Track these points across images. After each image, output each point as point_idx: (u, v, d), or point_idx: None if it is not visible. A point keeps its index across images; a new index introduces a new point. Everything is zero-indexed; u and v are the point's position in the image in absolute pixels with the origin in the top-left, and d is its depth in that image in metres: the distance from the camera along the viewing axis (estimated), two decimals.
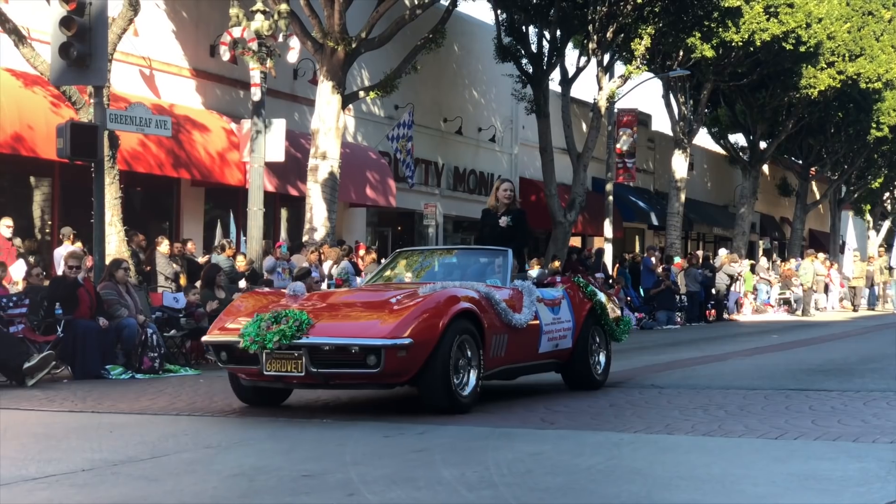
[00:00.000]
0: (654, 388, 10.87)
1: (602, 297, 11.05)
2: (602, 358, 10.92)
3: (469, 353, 8.71)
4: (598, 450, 6.97)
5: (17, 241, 16.10)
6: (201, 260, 18.68)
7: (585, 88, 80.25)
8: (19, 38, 14.94)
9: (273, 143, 18.38)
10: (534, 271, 10.40)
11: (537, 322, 9.78)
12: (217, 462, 6.53)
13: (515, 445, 7.11)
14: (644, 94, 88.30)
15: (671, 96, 34.52)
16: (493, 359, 9.17)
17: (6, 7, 15.38)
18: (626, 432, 7.69)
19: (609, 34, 28.42)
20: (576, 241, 33.76)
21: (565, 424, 8.16)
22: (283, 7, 17.85)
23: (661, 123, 43.36)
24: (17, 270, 15.08)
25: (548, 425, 8.13)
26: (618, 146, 34.54)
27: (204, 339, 9.20)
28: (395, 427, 7.97)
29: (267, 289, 11.54)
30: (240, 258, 17.69)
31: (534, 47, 28.51)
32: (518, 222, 10.86)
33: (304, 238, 20.65)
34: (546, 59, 28.37)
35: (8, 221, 15.89)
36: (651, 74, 32.18)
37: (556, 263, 25.36)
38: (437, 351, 8.34)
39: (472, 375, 8.74)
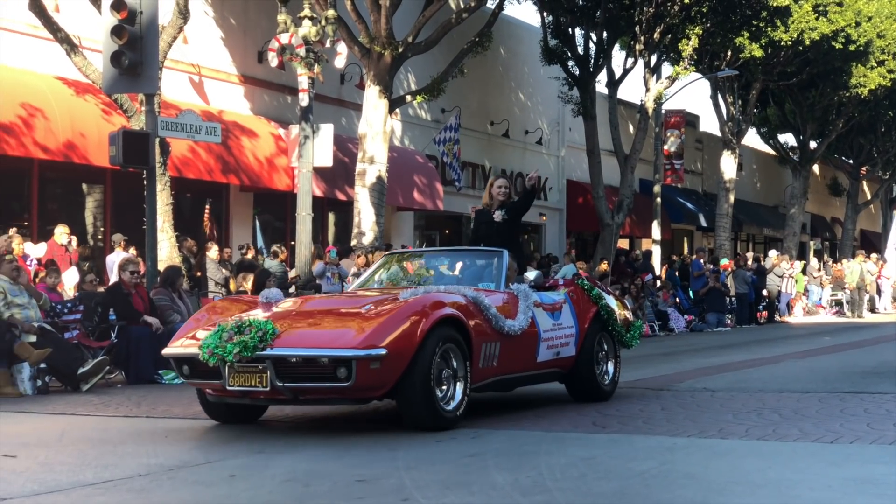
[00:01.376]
0: (707, 391, 10.79)
1: (611, 300, 10.34)
2: (610, 367, 10.17)
3: (454, 363, 8.03)
4: (650, 454, 6.93)
5: (74, 245, 16.28)
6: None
7: (632, 90, 80.00)
8: (71, 46, 15.13)
9: (321, 148, 18.47)
10: (531, 273, 9.58)
11: (534, 329, 9.06)
12: (271, 467, 6.56)
13: (568, 450, 7.09)
14: (692, 94, 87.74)
15: (719, 97, 34.30)
16: (484, 369, 8.46)
17: (58, 16, 15.58)
18: (679, 436, 7.63)
19: (656, 35, 28.28)
20: (623, 244, 33.62)
21: (617, 429, 8.12)
22: (331, 13, 17.92)
23: (709, 124, 43.14)
24: (70, 277, 15.26)
25: (599, 429, 8.10)
26: (665, 147, 34.36)
27: (164, 351, 8.44)
28: (446, 431, 7.96)
29: (238, 297, 10.68)
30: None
31: (580, 49, 28.44)
32: (515, 216, 10.19)
33: (353, 242, 20.72)
34: (592, 60, 28.29)
35: (63, 229, 16.10)
36: (699, 75, 31.98)
37: (604, 265, 25.26)
38: (416, 362, 7.63)
39: (458, 388, 8.05)
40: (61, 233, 16.07)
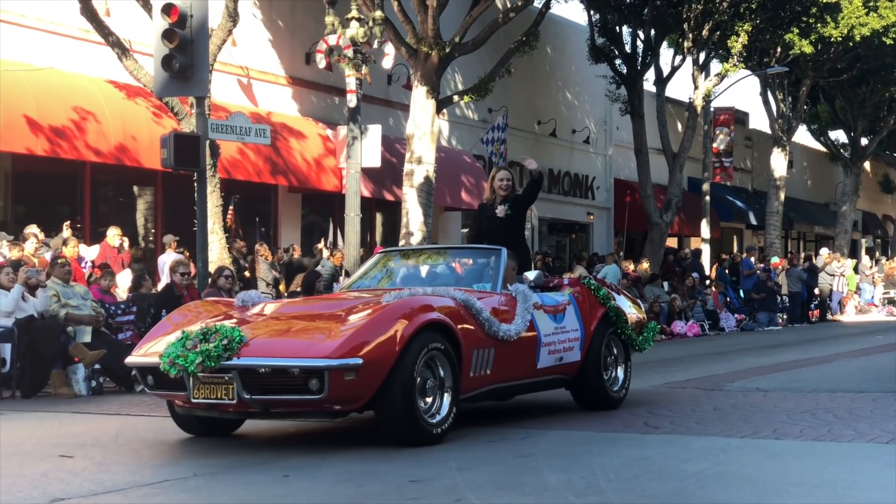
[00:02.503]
0: (759, 391, 10.70)
1: (623, 300, 9.71)
2: (620, 372, 9.52)
3: (441, 372, 7.42)
4: (704, 455, 6.88)
5: (126, 247, 16.47)
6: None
7: (681, 87, 79.32)
8: (122, 50, 15.29)
9: (369, 149, 18.54)
10: (531, 273, 8.91)
11: (534, 333, 8.44)
12: (324, 467, 6.59)
13: (620, 450, 7.06)
14: (741, 91, 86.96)
15: (769, 93, 34.02)
16: (476, 378, 7.85)
17: (109, 20, 15.74)
18: (732, 437, 7.57)
19: (705, 32, 28.10)
20: (672, 242, 33.43)
21: (669, 429, 8.06)
22: (378, 14, 17.98)
23: (759, 121, 42.72)
24: (123, 279, 15.42)
25: (652, 430, 8.05)
26: (714, 145, 34.11)
27: (127, 360, 7.91)
28: (497, 432, 7.97)
29: (217, 298, 9.95)
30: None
31: (628, 47, 28.33)
32: (517, 207, 9.59)
33: (401, 242, 20.76)
34: (640, 59, 28.17)
35: (116, 231, 16.28)
36: (748, 72, 31.73)
37: (645, 265, 25.07)
38: (397, 371, 7.03)
39: (446, 399, 7.43)
40: (114, 235, 16.25)
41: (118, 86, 17.50)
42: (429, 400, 7.36)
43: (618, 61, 28.26)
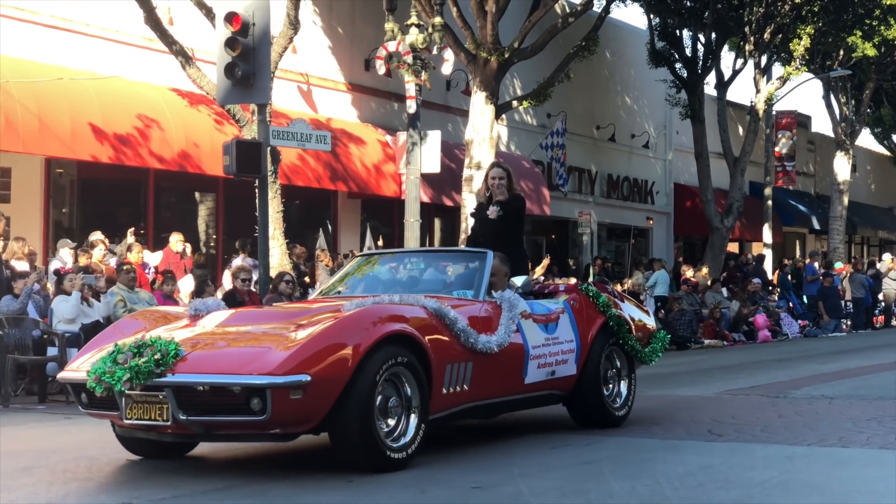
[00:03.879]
0: (824, 398, 10.57)
1: (629, 307, 9.06)
2: (623, 387, 8.74)
3: (408, 389, 6.71)
4: (770, 463, 6.81)
5: (188, 253, 16.66)
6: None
7: (742, 91, 78.82)
8: (186, 59, 15.45)
9: (429, 155, 18.56)
10: (518, 279, 8.10)
11: (520, 344, 7.69)
12: (387, 474, 6.60)
13: (684, 458, 7.00)
14: (803, 95, 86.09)
15: (832, 97, 33.61)
16: (451, 395, 7.11)
17: (172, 29, 15.92)
18: (798, 445, 7.49)
19: (766, 35, 27.83)
20: (733, 247, 33.13)
21: (734, 437, 7.99)
22: (437, 20, 18.01)
23: (822, 124, 42.27)
24: (185, 285, 15.59)
25: (716, 437, 7.98)
26: (776, 149, 33.77)
27: (59, 375, 7.31)
28: (560, 438, 7.95)
29: (168, 308, 8.90)
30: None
31: (688, 51, 28.13)
32: (509, 211, 8.88)
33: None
34: (701, 62, 27.97)
35: (178, 236, 16.46)
36: (811, 75, 31.39)
37: (704, 271, 24.76)
38: (352, 390, 6.34)
39: (412, 420, 6.72)
40: (176, 240, 16.43)
41: (181, 94, 17.69)
42: (391, 422, 6.64)
43: (678, 65, 28.10)
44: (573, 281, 20.39)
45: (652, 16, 27.75)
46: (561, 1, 23.84)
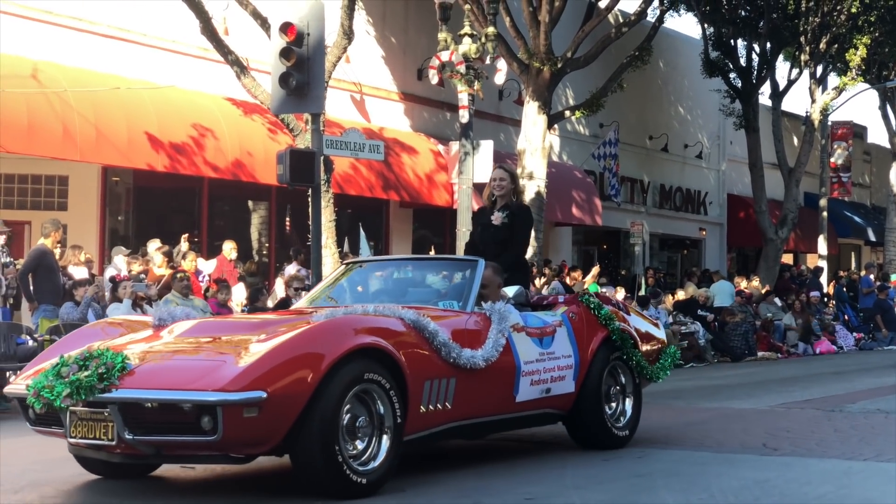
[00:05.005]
0: (881, 412, 10.43)
1: (637, 320, 8.59)
2: (628, 405, 8.17)
3: (380, 408, 6.20)
4: (826, 478, 6.73)
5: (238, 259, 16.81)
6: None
7: (797, 101, 77.83)
8: (241, 68, 15.57)
9: (481, 165, 18.53)
10: (510, 289, 7.62)
11: (510, 359, 7.13)
12: (441, 482, 6.61)
13: (739, 472, 6.93)
14: (859, 105, 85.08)
15: (888, 107, 33.22)
16: (430, 414, 6.58)
17: (227, 39, 16.05)
18: (854, 460, 7.40)
19: (822, 45, 27.56)
20: (787, 259, 32.81)
21: (789, 451, 7.90)
22: (491, 30, 18.01)
23: (878, 135, 41.79)
24: (238, 293, 15.69)
25: (771, 451, 7.89)
26: (832, 160, 33.43)
27: (6, 389, 6.94)
28: (612, 450, 7.89)
29: (137, 316, 8.24)
30: None
31: (742, 61, 27.95)
32: (516, 220, 8.41)
33: None
34: (755, 72, 27.76)
35: (231, 244, 16.58)
36: (867, 85, 31.05)
37: (756, 282, 24.49)
38: (315, 408, 5.82)
39: (384, 441, 6.21)
40: (230, 248, 16.55)
41: (235, 103, 17.83)
42: (359, 444, 6.13)
43: (732, 75, 27.91)
44: (620, 291, 20.30)
45: (706, 25, 27.59)
46: (614, 11, 23.75)
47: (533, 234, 20.64)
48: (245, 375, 5.67)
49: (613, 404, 8.08)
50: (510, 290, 7.61)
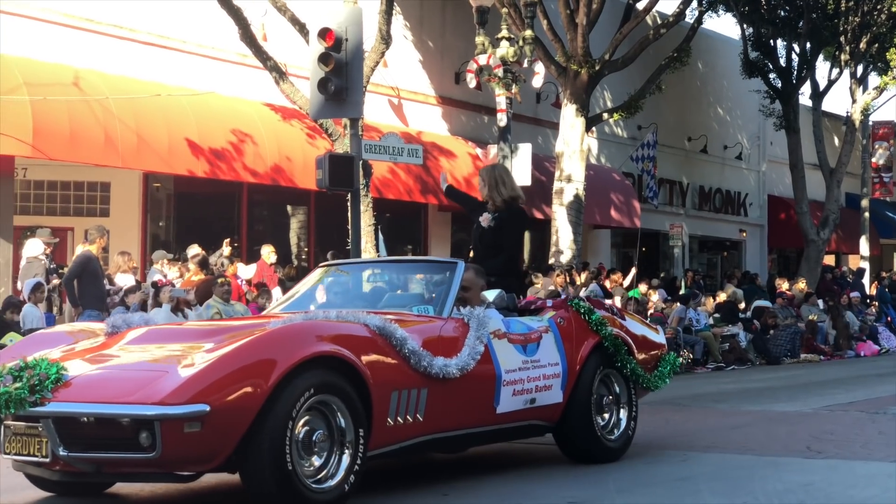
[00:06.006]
0: None
1: (634, 324, 8.10)
2: (622, 416, 7.68)
3: (341, 421, 5.78)
4: (872, 481, 6.67)
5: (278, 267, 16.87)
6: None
7: (838, 101, 77.29)
8: (279, 74, 15.65)
9: (520, 168, 18.52)
10: (490, 293, 7.12)
11: (490, 367, 6.66)
12: (483, 486, 6.60)
13: (783, 475, 6.88)
14: None
15: None
16: (399, 427, 6.14)
17: (266, 45, 16.14)
18: None
19: (862, 45, 27.32)
20: (829, 260, 32.53)
21: (833, 453, 7.84)
22: (528, 33, 18.00)
23: None
24: (278, 297, 15.76)
25: (815, 454, 7.83)
26: (873, 160, 33.13)
27: None
28: (655, 453, 7.86)
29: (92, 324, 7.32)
30: None
31: (782, 61, 27.74)
32: (504, 223, 8.00)
33: (551, 261, 20.71)
34: (795, 72, 27.57)
35: (270, 248, 16.66)
36: None
37: (801, 284, 24.24)
38: (265, 422, 5.43)
39: (344, 458, 5.79)
40: (269, 252, 16.63)
41: (274, 108, 17.92)
42: (316, 460, 5.70)
43: (772, 75, 27.72)
44: (654, 294, 20.19)
45: (745, 25, 27.42)
46: (652, 12, 23.67)
47: (571, 237, 20.67)
48: (186, 387, 5.28)
49: (606, 415, 7.60)
50: (490, 294, 7.12)
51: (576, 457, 7.47)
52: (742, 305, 22.11)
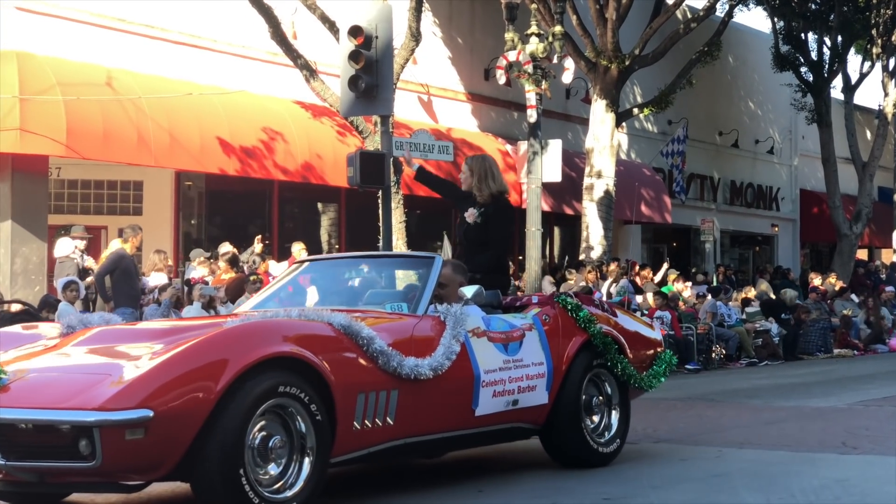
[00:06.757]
0: None
1: (627, 319, 7.74)
2: (613, 418, 7.31)
3: (301, 426, 5.44)
4: None
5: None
6: None
7: (870, 94, 76.82)
8: (310, 72, 15.70)
9: (550, 164, 18.52)
10: (468, 289, 6.62)
11: (467, 367, 6.31)
12: (519, 482, 6.61)
13: (819, 471, 6.85)
14: None
15: None
16: (367, 431, 5.78)
17: (296, 43, 16.19)
18: None
19: (894, 38, 27.10)
20: (862, 254, 32.31)
21: (869, 449, 7.80)
22: (558, 29, 17.98)
23: None
24: (311, 295, 15.79)
25: (850, 450, 7.79)
26: None
27: None
28: (690, 450, 7.84)
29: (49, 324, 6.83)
30: None
31: (813, 55, 27.60)
32: (490, 219, 7.63)
33: (581, 257, 20.68)
34: (827, 66, 27.41)
35: (301, 245, 16.71)
36: None
37: (833, 279, 24.03)
38: (215, 428, 5.09)
39: (305, 465, 5.45)
40: (299, 249, 16.67)
41: (304, 106, 17.97)
42: (273, 468, 5.36)
43: (803, 69, 27.60)
44: (688, 289, 20.09)
45: (776, 19, 27.27)
46: (682, 6, 23.58)
47: (602, 232, 20.62)
48: (129, 391, 4.93)
49: (596, 417, 7.22)
50: (468, 291, 6.62)
51: (564, 461, 7.10)
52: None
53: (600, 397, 7.26)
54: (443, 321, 6.27)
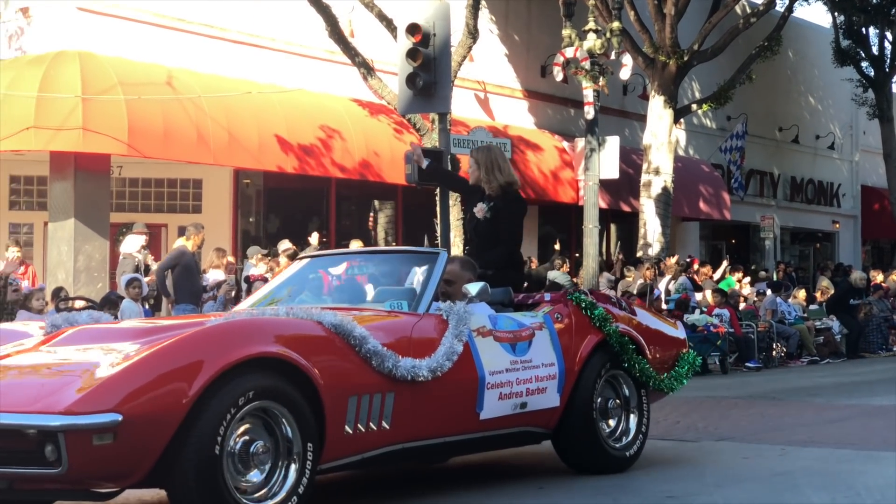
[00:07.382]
0: None
1: (648, 317, 7.34)
2: (631, 422, 6.92)
3: (287, 430, 5.15)
4: None
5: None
6: None
7: None
8: (367, 70, 15.76)
9: (607, 161, 18.43)
10: (473, 286, 6.21)
11: (471, 368, 5.98)
12: (580, 479, 6.58)
13: (884, 469, 6.76)
14: None
15: None
16: (360, 436, 5.48)
17: (353, 41, 16.26)
18: None
19: None
20: None
21: None
22: (615, 25, 17.89)
23: None
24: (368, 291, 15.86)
25: None
26: None
27: None
28: (752, 448, 7.77)
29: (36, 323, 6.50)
30: None
31: (874, 49, 27.26)
32: (500, 213, 7.29)
33: (639, 254, 20.57)
34: (888, 60, 27.06)
35: (358, 243, 16.77)
36: None
37: (894, 276, 23.72)
38: (190, 432, 4.80)
39: (291, 472, 5.15)
40: (357, 247, 16.75)
41: (362, 104, 18.04)
42: (256, 475, 5.08)
43: (864, 64, 27.28)
44: (746, 286, 19.91)
45: (836, 13, 26.97)
46: (742, 1, 23.36)
47: (660, 229, 20.49)
48: (97, 394, 4.64)
49: (612, 421, 6.85)
50: (472, 288, 6.22)
51: (577, 467, 6.75)
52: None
53: (617, 400, 6.91)
54: (445, 320, 5.98)
